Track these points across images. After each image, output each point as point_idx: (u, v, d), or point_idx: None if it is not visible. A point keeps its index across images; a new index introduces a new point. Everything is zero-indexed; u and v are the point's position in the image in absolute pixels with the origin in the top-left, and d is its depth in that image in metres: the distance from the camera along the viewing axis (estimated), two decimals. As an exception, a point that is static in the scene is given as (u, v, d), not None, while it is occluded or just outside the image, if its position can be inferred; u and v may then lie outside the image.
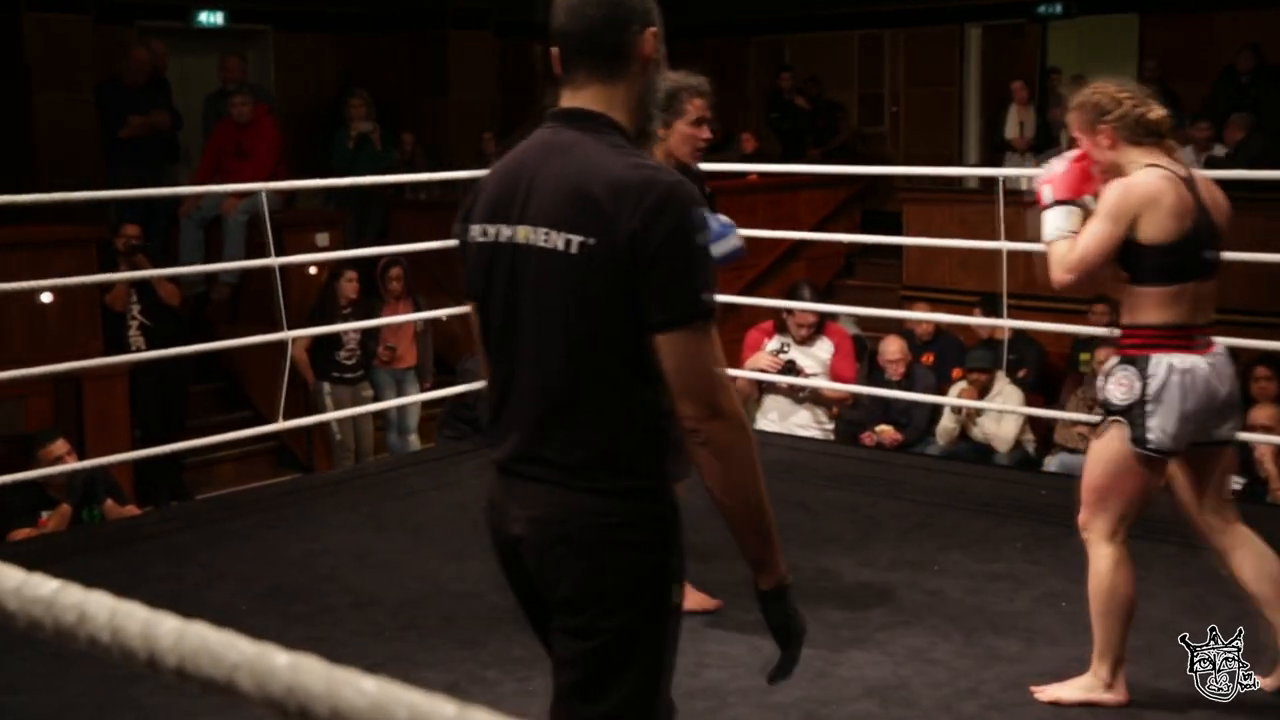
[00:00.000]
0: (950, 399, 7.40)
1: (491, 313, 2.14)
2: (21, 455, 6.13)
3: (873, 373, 7.82)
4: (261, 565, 4.60)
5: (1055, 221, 3.29)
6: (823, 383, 6.42)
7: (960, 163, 12.08)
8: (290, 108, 10.98)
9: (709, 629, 3.93)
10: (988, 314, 7.48)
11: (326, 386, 8.00)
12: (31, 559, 1.07)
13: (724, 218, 3.99)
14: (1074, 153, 3.37)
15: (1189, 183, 3.24)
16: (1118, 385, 3.23)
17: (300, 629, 3.93)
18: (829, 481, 5.05)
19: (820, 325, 7.38)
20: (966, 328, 8.04)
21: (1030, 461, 7.40)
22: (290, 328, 5.54)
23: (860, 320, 8.51)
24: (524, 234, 2.06)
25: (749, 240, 4.40)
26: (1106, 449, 3.30)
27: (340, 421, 7.88)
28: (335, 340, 7.88)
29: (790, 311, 6.51)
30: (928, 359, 8.12)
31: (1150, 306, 3.20)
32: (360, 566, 4.54)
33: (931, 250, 9.10)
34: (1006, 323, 6.13)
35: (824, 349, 7.39)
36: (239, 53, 10.30)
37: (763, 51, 13.76)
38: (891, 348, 7.58)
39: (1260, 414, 6.46)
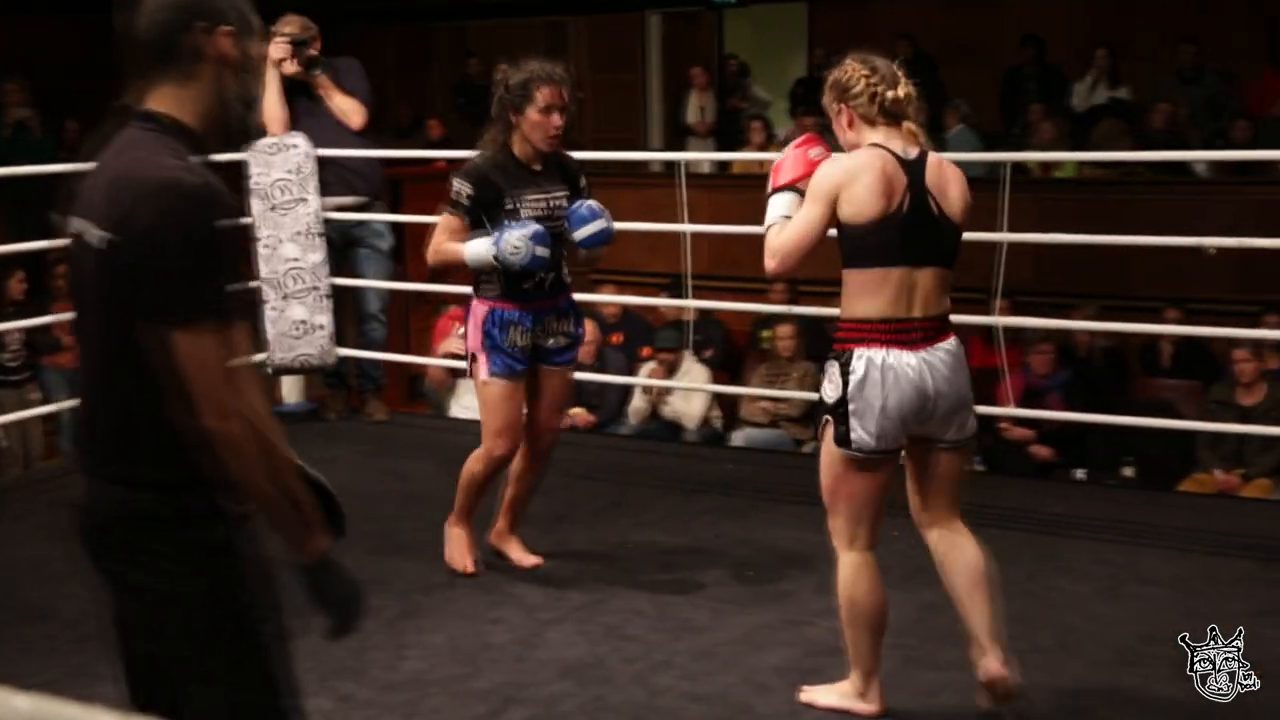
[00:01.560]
0: (640, 379, 7.57)
1: (74, 304, 2.19)
2: None
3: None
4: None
5: (772, 208, 3.20)
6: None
7: (644, 147, 12.32)
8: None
9: (406, 620, 3.90)
10: (674, 295, 7.68)
11: (-12, 390, 7.52)
12: None
13: (594, 203, 4.07)
14: (800, 137, 3.32)
15: (914, 165, 3.10)
16: (826, 383, 3.12)
17: (19, 631, 3.70)
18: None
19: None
20: (654, 309, 8.23)
21: (718, 437, 7.65)
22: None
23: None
24: (82, 228, 2.09)
25: (426, 228, 4.40)
26: (825, 452, 3.15)
27: (5, 427, 7.41)
28: (-3, 341, 7.41)
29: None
30: (616, 339, 8.27)
31: (857, 295, 3.10)
32: (33, 579, 4.27)
33: (619, 233, 9.26)
34: (690, 303, 6.32)
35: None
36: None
37: (448, 37, 13.67)
38: (585, 332, 7.69)
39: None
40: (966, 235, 3.24)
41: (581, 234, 4.04)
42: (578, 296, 4.35)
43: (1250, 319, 7.02)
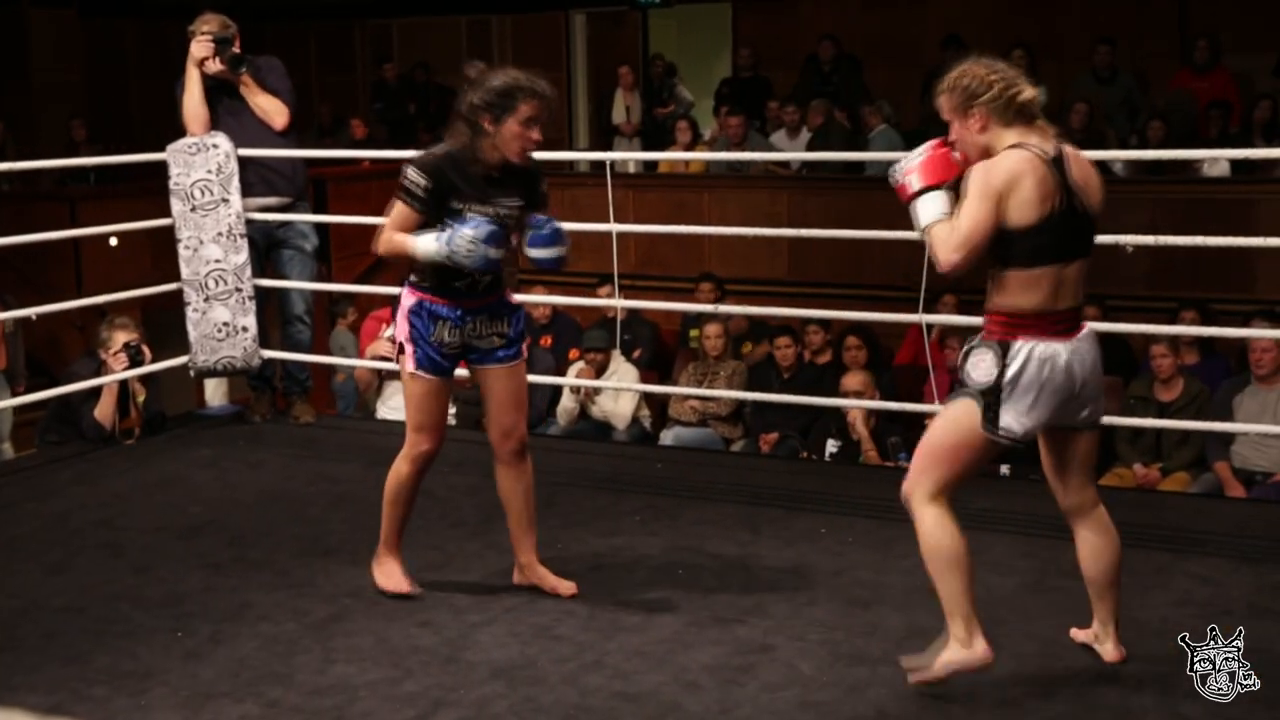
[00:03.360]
0: (569, 380, 7.55)
1: None
2: None
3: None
4: None
5: (930, 206, 3.24)
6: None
7: (570, 147, 12.31)
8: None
9: (335, 624, 3.86)
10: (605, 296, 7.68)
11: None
12: None
13: (559, 226, 3.94)
14: (933, 141, 3.33)
15: (1056, 162, 3.20)
16: (976, 366, 3.24)
17: None
18: (453, 467, 5.05)
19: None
20: (582, 309, 8.22)
21: (647, 437, 7.65)
22: None
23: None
24: None
25: (351, 229, 4.34)
26: (955, 420, 3.28)
27: None
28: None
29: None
30: (546, 341, 8.26)
31: (1013, 289, 3.20)
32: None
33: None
34: (619, 303, 6.31)
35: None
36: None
37: (370, 35, 13.56)
38: (510, 332, 7.66)
39: (852, 381, 6.93)
40: (891, 234, 3.28)
41: (537, 254, 3.93)
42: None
43: (1167, 315, 7.15)
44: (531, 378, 7.03)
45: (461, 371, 4.05)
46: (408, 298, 3.96)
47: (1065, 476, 3.46)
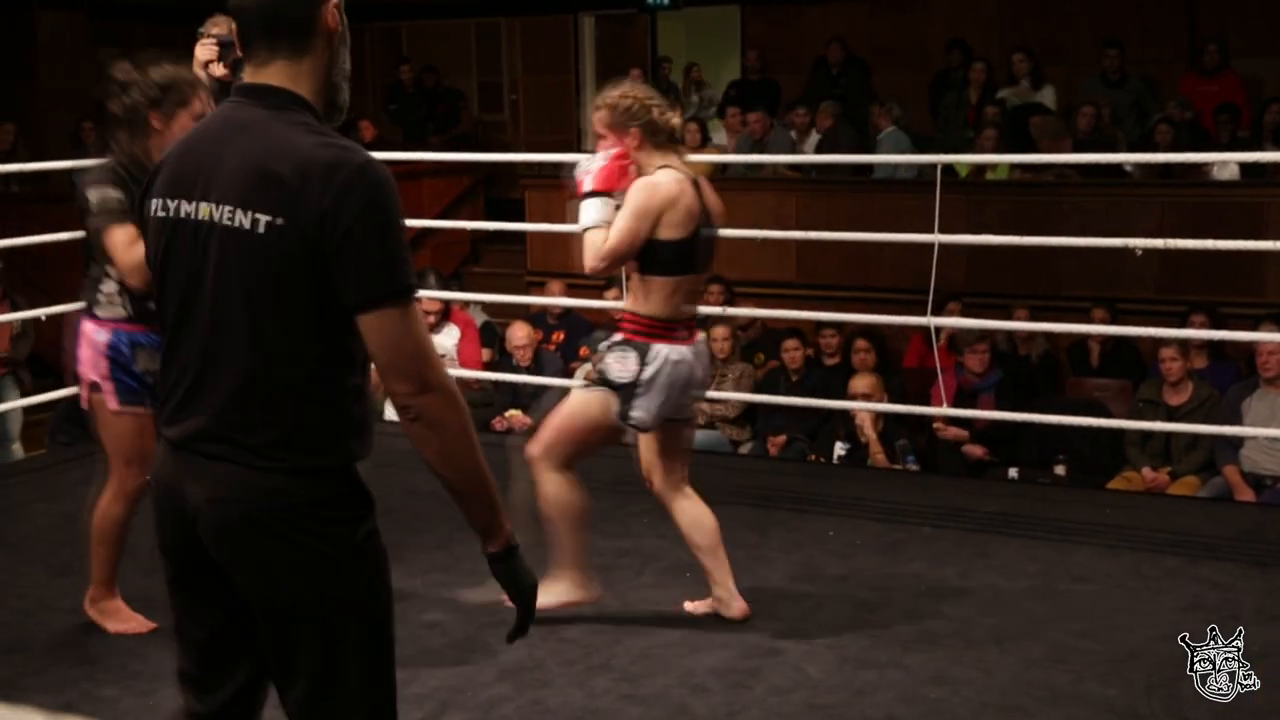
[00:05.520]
0: (578, 381, 7.53)
1: (170, 290, 2.07)
2: None
3: (503, 358, 7.88)
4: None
5: (591, 212, 3.56)
6: (452, 370, 6.41)
7: (578, 149, 12.31)
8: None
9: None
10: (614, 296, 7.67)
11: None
12: None
13: None
14: (616, 150, 3.60)
15: (695, 184, 3.61)
16: (618, 363, 3.61)
17: None
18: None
19: (445, 312, 7.36)
20: (592, 310, 8.21)
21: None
22: None
23: (488, 306, 8.55)
24: (206, 211, 2.00)
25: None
26: (589, 406, 3.67)
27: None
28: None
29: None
30: (558, 337, 8.25)
31: (655, 297, 3.58)
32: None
33: (555, 235, 9.26)
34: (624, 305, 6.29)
35: (450, 336, 7.38)
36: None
37: (380, 38, 13.58)
38: (519, 334, 7.64)
39: (860, 383, 6.92)
40: (899, 237, 3.31)
41: None
42: (510, 299, 4.31)
43: (1177, 319, 7.13)
44: (540, 379, 7.06)
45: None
46: (99, 331, 3.65)
47: (669, 461, 3.81)
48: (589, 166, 3.62)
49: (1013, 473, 6.48)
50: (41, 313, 6.02)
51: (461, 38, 13.42)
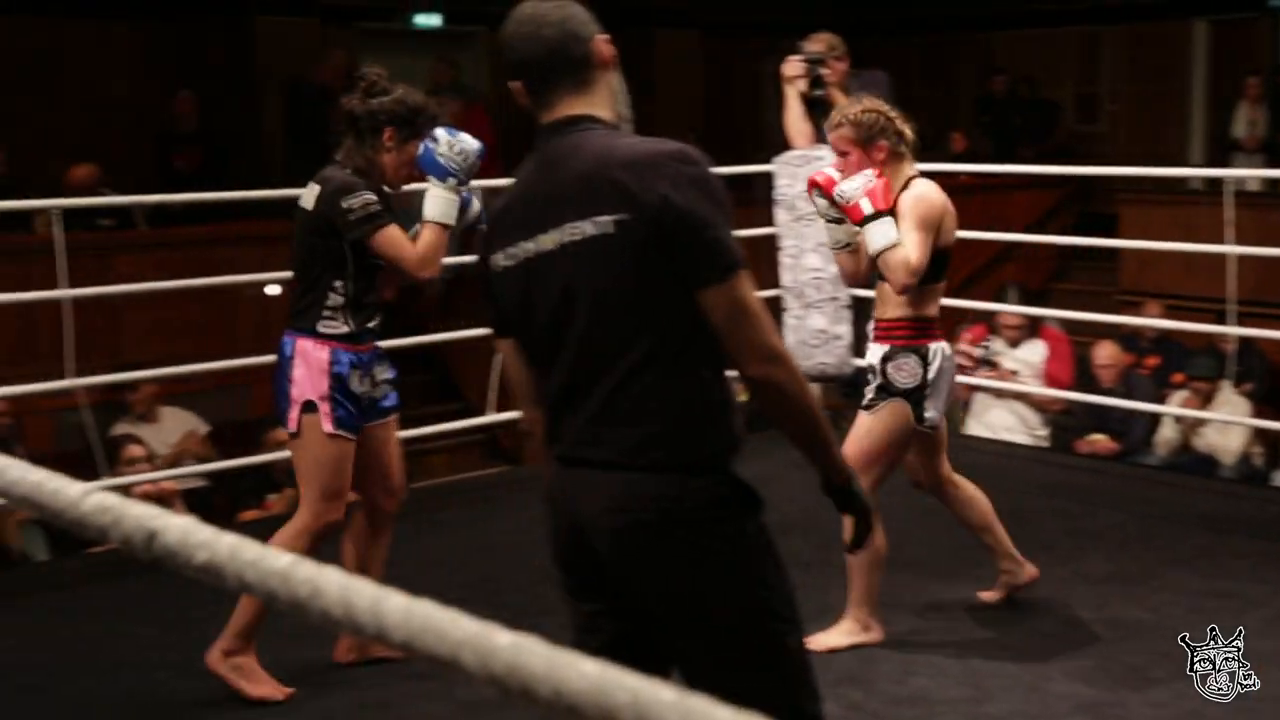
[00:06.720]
0: (1171, 409, 7.10)
1: (534, 328, 2.16)
2: (250, 440, 6.40)
3: (1085, 378, 7.57)
4: (472, 554, 4.68)
5: (887, 231, 3.57)
6: (1032, 387, 6.24)
7: (1183, 163, 11.60)
8: (509, 106, 11.24)
9: (913, 638, 3.85)
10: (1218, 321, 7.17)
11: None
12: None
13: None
14: (872, 168, 3.62)
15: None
16: (900, 370, 3.68)
17: (510, 620, 3.97)
18: (1041, 489, 4.89)
19: (1032, 327, 7.19)
20: (1189, 332, 7.71)
21: (1258, 475, 7.04)
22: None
23: (1069, 325, 8.25)
24: (550, 240, 2.10)
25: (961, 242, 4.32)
26: (884, 423, 3.71)
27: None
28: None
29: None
30: (1152, 361, 7.81)
31: (924, 301, 3.70)
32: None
33: (1152, 253, 8.79)
34: (1233, 330, 5.86)
35: (1034, 351, 7.20)
36: (447, 56, 10.47)
37: (973, 49, 13.47)
38: (1103, 353, 7.31)
39: None
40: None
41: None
42: (1092, 316, 4.11)
43: None
44: (1128, 403, 6.71)
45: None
46: (320, 350, 3.44)
47: (938, 456, 3.87)
48: (853, 188, 3.58)
49: None
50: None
51: (1058, 47, 13.04)
